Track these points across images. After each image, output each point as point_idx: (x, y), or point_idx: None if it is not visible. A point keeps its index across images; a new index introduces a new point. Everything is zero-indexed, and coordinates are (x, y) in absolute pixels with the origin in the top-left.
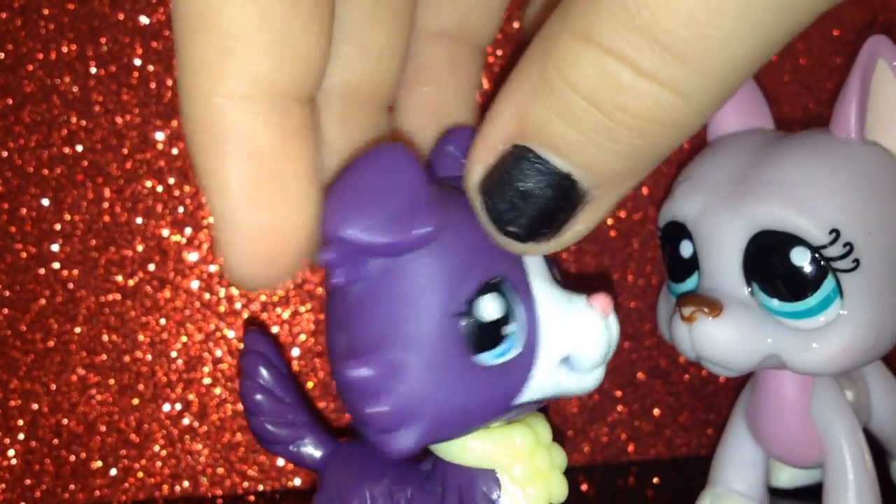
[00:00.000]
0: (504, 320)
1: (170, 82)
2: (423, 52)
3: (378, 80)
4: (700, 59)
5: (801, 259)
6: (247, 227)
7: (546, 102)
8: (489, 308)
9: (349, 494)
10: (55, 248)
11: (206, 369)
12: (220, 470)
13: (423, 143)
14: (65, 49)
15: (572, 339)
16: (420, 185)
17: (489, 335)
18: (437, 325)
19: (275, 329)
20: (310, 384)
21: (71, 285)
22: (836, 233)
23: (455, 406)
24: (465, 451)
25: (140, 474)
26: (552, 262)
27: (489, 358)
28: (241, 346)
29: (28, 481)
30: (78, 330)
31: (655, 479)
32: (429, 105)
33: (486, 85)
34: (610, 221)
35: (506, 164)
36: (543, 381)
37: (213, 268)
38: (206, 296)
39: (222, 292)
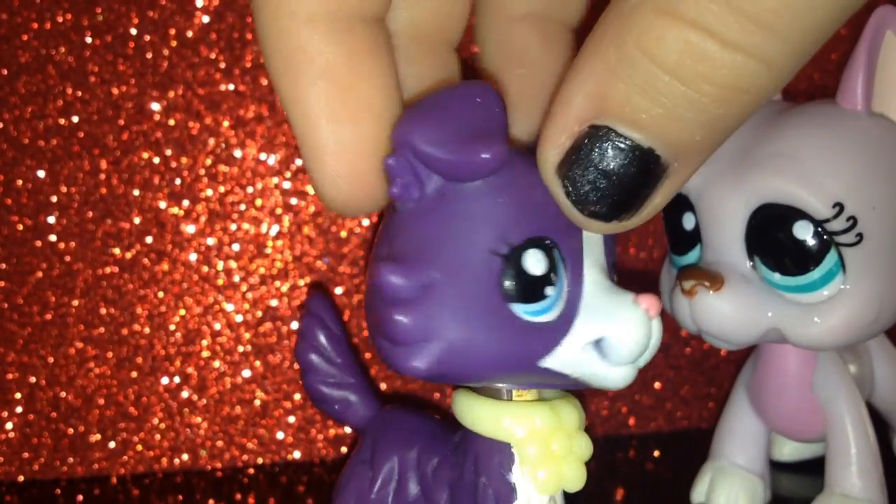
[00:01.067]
0: (546, 280)
1: (166, 52)
2: (514, 36)
3: (445, 18)
4: (785, 27)
5: (804, 233)
6: (329, 144)
7: (626, 80)
8: (533, 262)
9: (381, 459)
10: (51, 220)
11: (204, 342)
12: (220, 443)
13: (525, 120)
14: (60, 19)
15: (610, 325)
16: (496, 116)
17: (527, 288)
18: (477, 258)
19: (273, 302)
20: None
21: (68, 258)
22: (839, 207)
23: (476, 342)
24: (482, 419)
25: (139, 447)
26: (614, 262)
27: (523, 311)
28: (303, 304)
29: (26, 454)
30: (75, 303)
31: (656, 453)
32: (527, 86)
33: None
34: None
35: (583, 146)
36: (571, 356)
37: (210, 241)
38: (205, 269)
39: (220, 265)
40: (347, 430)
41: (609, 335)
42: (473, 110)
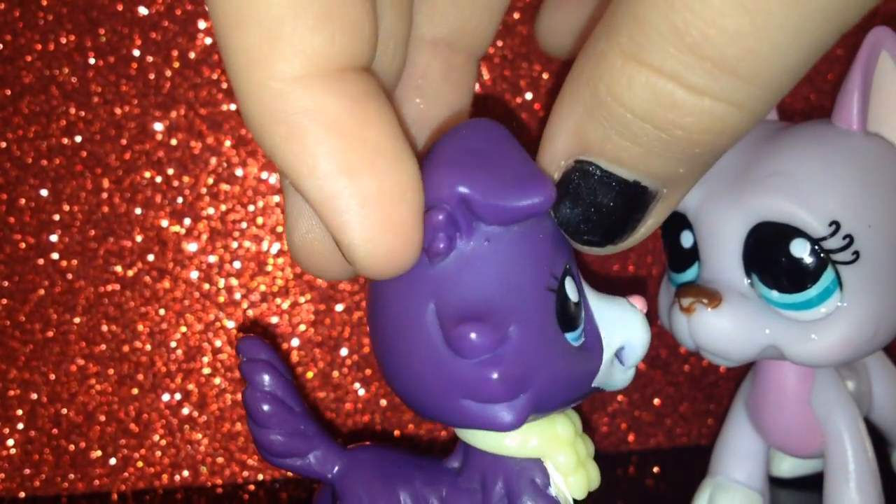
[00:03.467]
0: (578, 306)
1: (168, 73)
2: (417, 61)
3: (385, 69)
4: (751, 72)
5: (801, 251)
6: (354, 201)
7: (603, 121)
8: (570, 288)
9: (379, 499)
10: (54, 238)
11: (205, 359)
12: (220, 459)
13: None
14: (63, 40)
15: (625, 332)
16: (526, 155)
17: (571, 315)
18: (536, 298)
19: (274, 319)
20: (309, 374)
21: (70, 276)
22: (836, 225)
23: (556, 379)
24: (508, 443)
25: (139, 464)
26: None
27: (572, 339)
28: (236, 352)
29: (27, 471)
30: (77, 320)
31: (655, 469)
32: (422, 118)
33: (486, 75)
34: None
35: (572, 179)
36: (605, 369)
37: (212, 258)
38: (206, 286)
39: (221, 283)
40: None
41: (626, 342)
42: (503, 150)
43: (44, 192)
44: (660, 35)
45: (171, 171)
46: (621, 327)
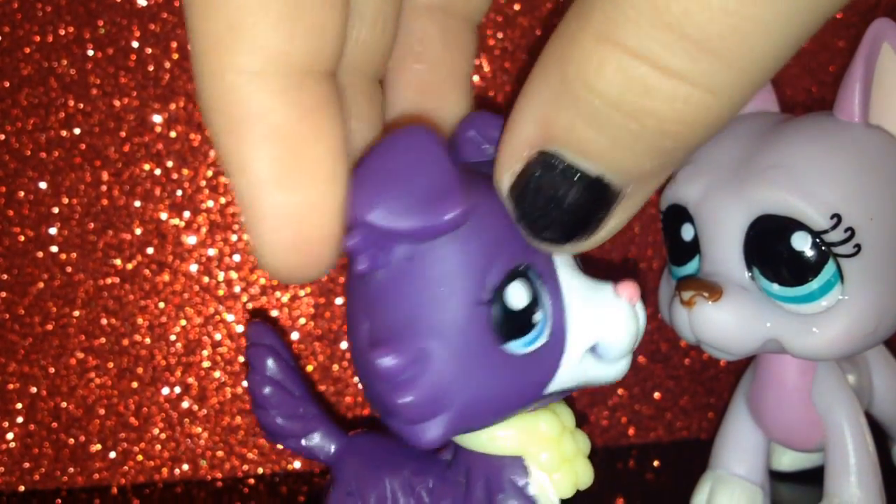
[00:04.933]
0: (532, 308)
1: (167, 65)
2: (413, 27)
3: (373, 49)
4: (733, 54)
5: (802, 244)
6: (273, 211)
7: (569, 109)
8: (517, 295)
9: (367, 487)
10: (53, 231)
11: (205, 353)
12: (220, 453)
13: (416, 117)
14: (62, 32)
15: (600, 328)
16: (447, 168)
17: (517, 323)
18: (463, 313)
19: (274, 313)
20: (309, 367)
21: (69, 269)
22: (837, 218)
23: (484, 395)
24: (492, 440)
25: (139, 457)
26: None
27: (518, 346)
28: (244, 337)
29: (27, 464)
30: (76, 313)
31: (656, 463)
32: (422, 83)
33: (486, 67)
34: None
35: (534, 171)
36: (572, 370)
37: (211, 251)
38: (205, 279)
39: (221, 276)
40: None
41: (602, 338)
42: (420, 164)
43: (43, 185)
44: (637, 11)
45: (170, 164)
46: (597, 322)
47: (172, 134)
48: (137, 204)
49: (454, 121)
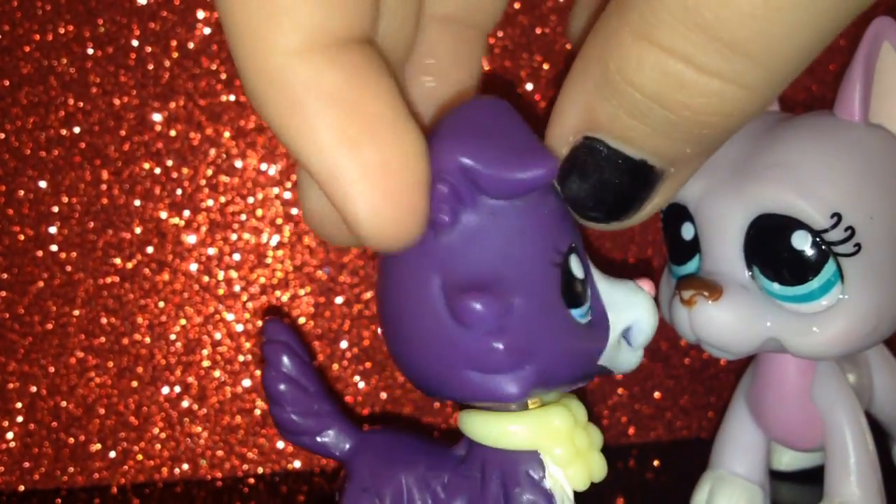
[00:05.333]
0: (584, 283)
1: (167, 63)
2: (426, 37)
3: (395, 41)
4: (763, 54)
5: (802, 243)
6: (357, 172)
7: (612, 100)
8: (575, 265)
9: (383, 483)
10: (53, 230)
11: (205, 352)
12: (220, 452)
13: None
14: (62, 30)
15: (631, 313)
16: (530, 132)
17: (576, 292)
18: (541, 272)
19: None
20: None
21: (69, 268)
22: (837, 217)
23: (560, 356)
24: (505, 434)
25: (139, 457)
26: None
27: (578, 315)
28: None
29: (27, 464)
30: (76, 313)
31: (656, 462)
32: (430, 96)
33: (486, 66)
34: None
35: (579, 155)
36: (612, 349)
37: (211, 251)
38: (205, 278)
39: (221, 275)
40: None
41: (633, 322)
42: (506, 126)
43: (42, 184)
44: (671, 14)
45: (170, 163)
46: (628, 307)
47: (172, 133)
48: (137, 203)
49: None
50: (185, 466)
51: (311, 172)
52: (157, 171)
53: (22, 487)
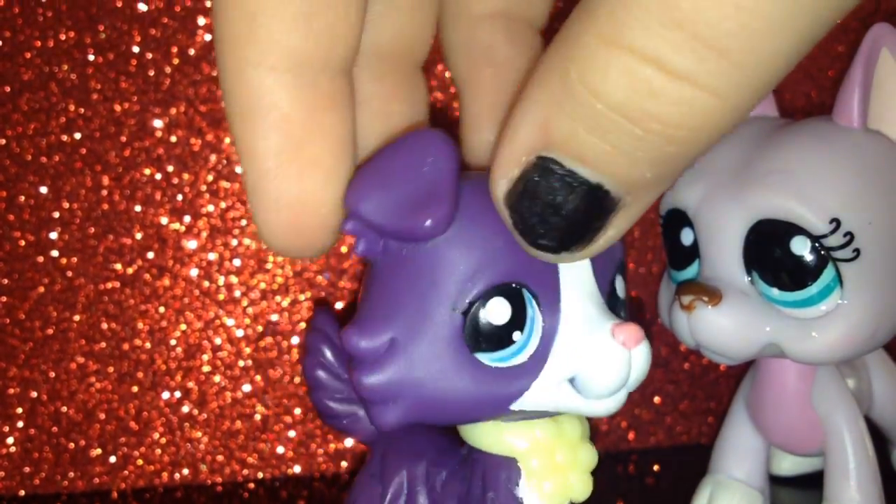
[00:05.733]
0: (513, 326)
1: (168, 70)
2: (479, 35)
3: (409, 37)
4: (741, 53)
5: (801, 248)
6: (273, 196)
7: (570, 114)
8: (495, 311)
9: (390, 473)
10: (53, 235)
11: (205, 357)
12: (220, 457)
13: (494, 123)
14: (63, 37)
15: (583, 363)
16: (446, 176)
17: (492, 337)
18: (438, 315)
19: (274, 317)
20: None
21: (70, 273)
22: (836, 222)
23: (443, 395)
24: (485, 435)
25: (139, 462)
26: (615, 274)
27: (488, 359)
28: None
29: (27, 469)
30: (77, 318)
31: (656, 467)
32: (497, 85)
33: None
34: None
35: (531, 177)
36: (544, 396)
37: (212, 256)
38: (206, 284)
39: (221, 280)
40: (348, 444)
41: (581, 373)
42: (420, 169)
43: (43, 190)
44: (645, 10)
45: (170, 169)
46: (581, 356)
47: (173, 139)
48: (138, 208)
49: None
50: (186, 471)
51: (243, 176)
52: (158, 176)
53: (22, 492)
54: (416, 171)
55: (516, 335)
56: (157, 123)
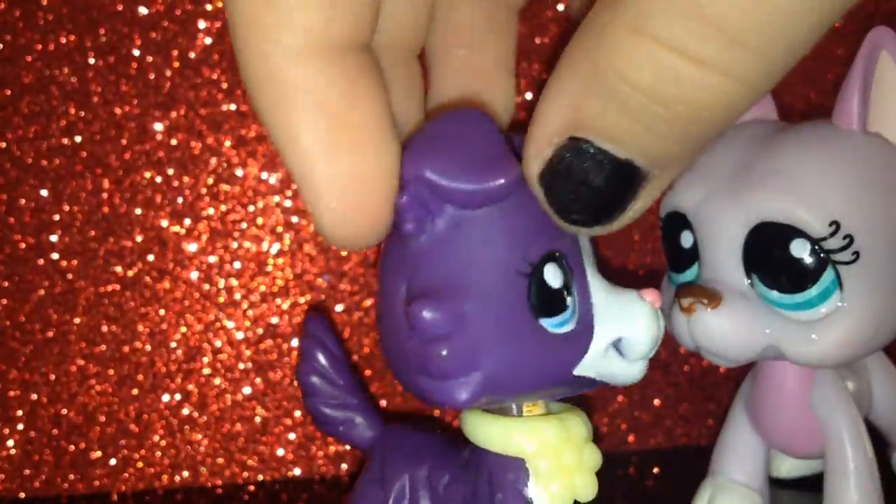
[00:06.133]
0: (564, 292)
1: (168, 73)
2: (459, 12)
3: (408, 28)
4: (762, 43)
5: (801, 251)
6: (329, 180)
7: (600, 96)
8: (553, 275)
9: (391, 477)
10: (54, 238)
11: (205, 360)
12: (220, 460)
13: (459, 101)
14: (63, 40)
15: (625, 325)
16: (499, 143)
17: (551, 301)
18: (504, 282)
19: (274, 320)
20: None
21: (70, 276)
22: (836, 225)
23: (515, 364)
24: (493, 437)
25: (140, 464)
26: (598, 259)
27: (550, 325)
28: (302, 330)
29: (27, 471)
30: (77, 320)
31: (656, 469)
32: (467, 67)
33: None
34: None
35: (564, 157)
36: (596, 361)
37: (212, 259)
38: (206, 286)
39: (221, 283)
40: (348, 447)
41: (626, 334)
42: (475, 137)
43: (44, 193)
44: (669, 3)
45: (171, 172)
46: (622, 319)
47: (173, 142)
48: (138, 211)
49: (501, 103)
50: (186, 474)
51: (287, 165)
52: (158, 179)
53: (23, 495)
54: (471, 138)
55: (568, 300)
56: (158, 127)
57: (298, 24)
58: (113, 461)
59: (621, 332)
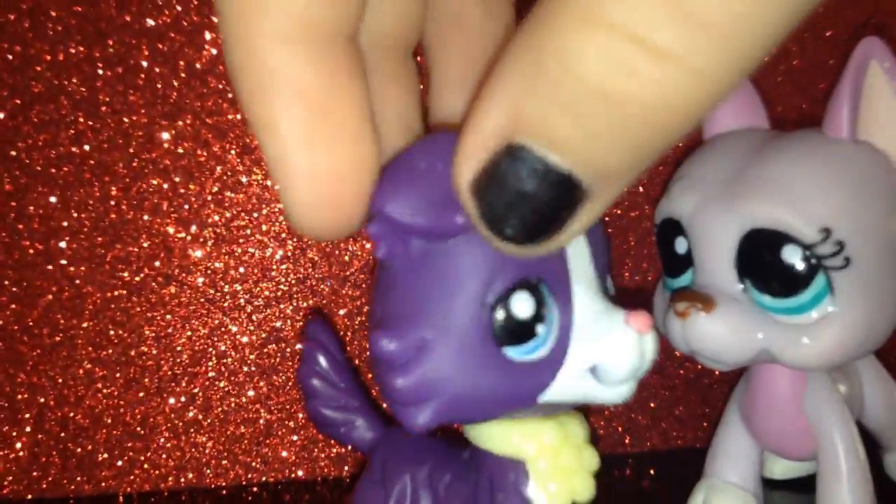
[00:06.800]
0: (536, 320)
1: (175, 83)
2: (452, 4)
3: (403, 25)
4: (727, 27)
5: (793, 257)
6: (303, 170)
7: (544, 97)
8: (521, 305)
9: (393, 479)
10: (62, 244)
11: (210, 363)
12: (225, 462)
13: (462, 91)
14: (72, 50)
15: (602, 351)
16: None
17: (518, 331)
18: (467, 312)
19: (278, 324)
20: None
21: (78, 281)
22: (827, 231)
23: (474, 392)
24: (493, 438)
25: (145, 466)
26: (607, 271)
27: (516, 353)
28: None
29: (35, 473)
30: (84, 325)
31: (651, 471)
32: (465, 53)
33: None
34: (607, 219)
35: (499, 163)
36: (568, 386)
37: (217, 264)
38: (211, 292)
39: (226, 288)
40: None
41: (602, 361)
42: (441, 169)
43: (53, 200)
44: None
45: (177, 179)
46: (601, 344)
47: (179, 150)
48: (145, 218)
49: None
50: (191, 475)
51: (264, 153)
52: (165, 187)
53: (30, 496)
54: (439, 170)
55: (539, 328)
56: (165, 135)
57: (284, 10)
58: (119, 463)
59: (597, 358)
